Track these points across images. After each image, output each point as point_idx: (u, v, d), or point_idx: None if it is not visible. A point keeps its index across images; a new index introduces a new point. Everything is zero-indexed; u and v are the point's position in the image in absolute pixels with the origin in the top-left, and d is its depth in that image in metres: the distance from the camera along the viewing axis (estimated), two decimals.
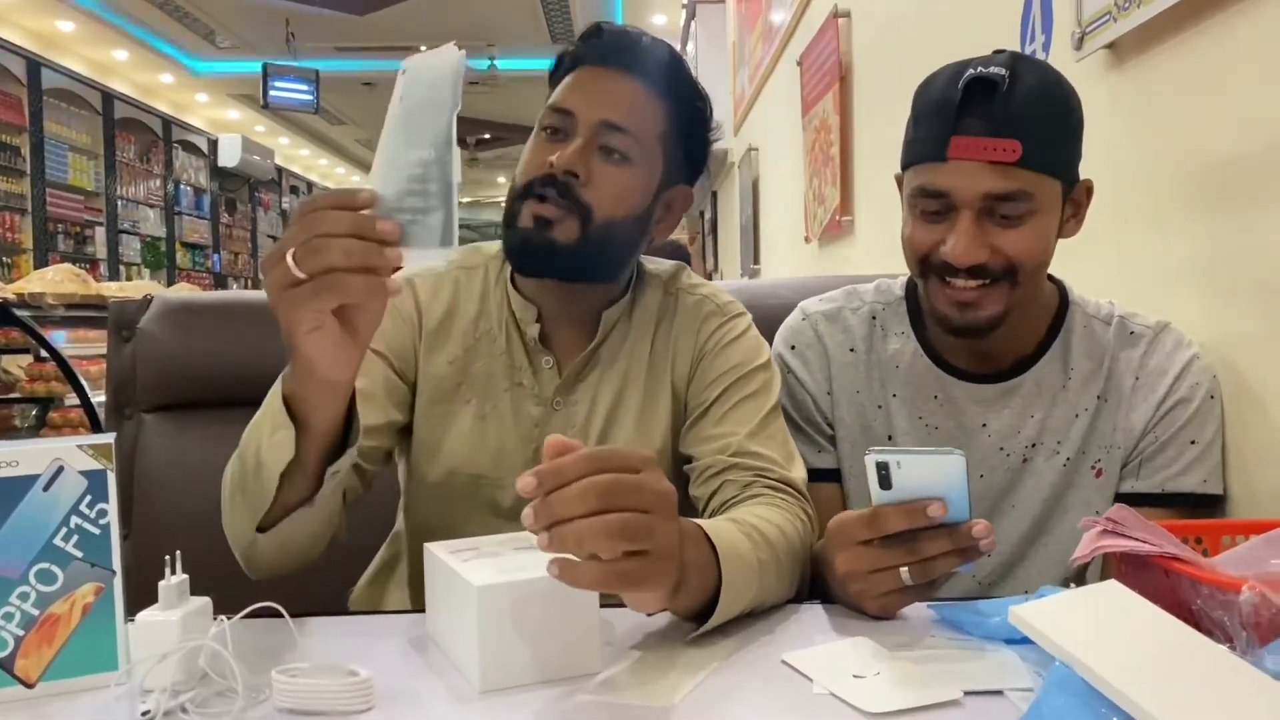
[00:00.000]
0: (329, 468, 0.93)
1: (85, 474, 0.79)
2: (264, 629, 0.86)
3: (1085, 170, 1.15)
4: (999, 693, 0.75)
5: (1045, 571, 1.20)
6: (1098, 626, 0.72)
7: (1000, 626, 0.83)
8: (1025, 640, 0.75)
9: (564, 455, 0.74)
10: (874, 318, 1.28)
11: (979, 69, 1.07)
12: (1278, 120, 1.13)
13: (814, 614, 0.97)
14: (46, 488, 0.78)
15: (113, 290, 5.04)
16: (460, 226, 0.80)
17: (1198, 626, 0.74)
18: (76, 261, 8.30)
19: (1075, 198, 1.15)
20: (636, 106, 1.12)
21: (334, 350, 0.82)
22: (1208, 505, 1.16)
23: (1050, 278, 1.23)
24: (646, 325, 1.20)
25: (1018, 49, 1.51)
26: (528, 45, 10.32)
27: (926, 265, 1.14)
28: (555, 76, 1.18)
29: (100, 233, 9.84)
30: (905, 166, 1.16)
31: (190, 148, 11.96)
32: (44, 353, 4.01)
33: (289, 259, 0.77)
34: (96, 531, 0.80)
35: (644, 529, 0.73)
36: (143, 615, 0.80)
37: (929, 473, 0.86)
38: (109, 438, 0.81)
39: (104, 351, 1.58)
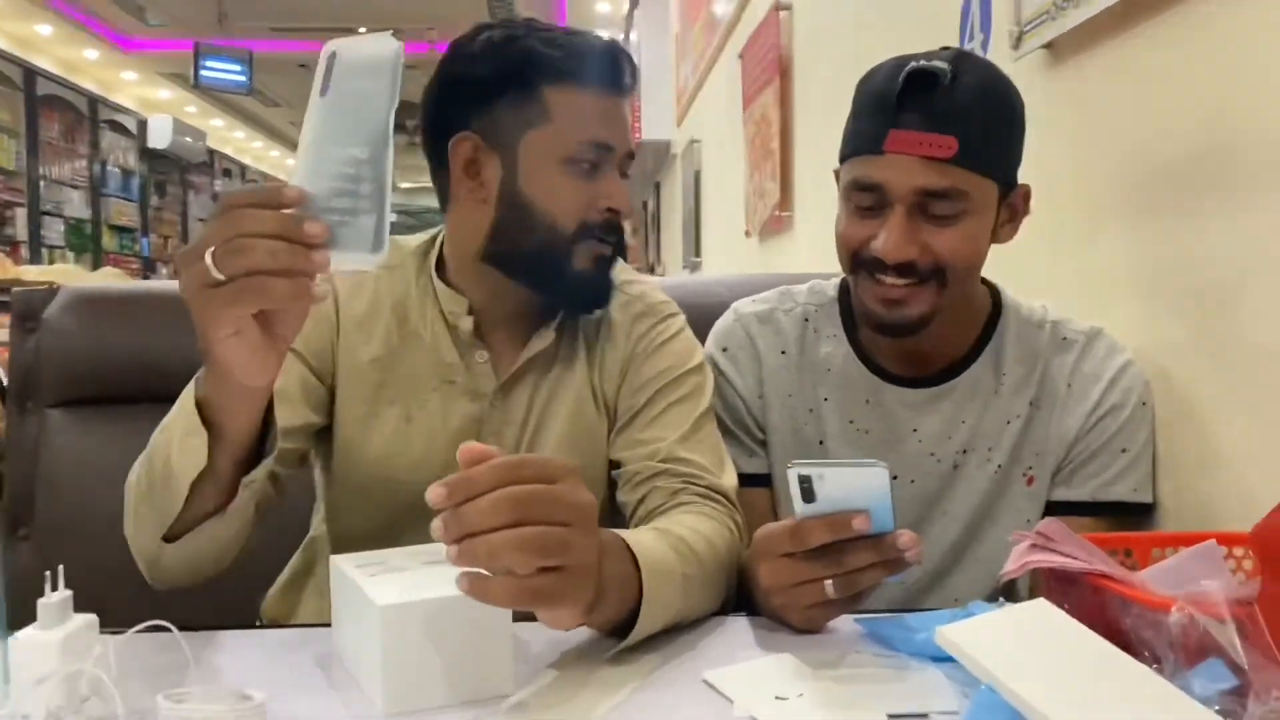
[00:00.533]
0: (244, 478, 0.88)
1: None
2: (158, 645, 0.80)
3: (1020, 171, 1.13)
4: (924, 716, 0.72)
5: (976, 580, 1.18)
6: (1025, 649, 0.70)
7: (927, 644, 0.80)
8: (952, 658, 0.73)
9: (480, 463, 0.70)
10: (806, 319, 1.25)
11: (922, 62, 1.05)
12: (1213, 125, 1.12)
13: (738, 627, 0.94)
14: None
15: (34, 274, 4.89)
16: (399, 213, 0.75)
17: (1127, 645, 0.73)
18: None
19: (1012, 202, 1.13)
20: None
21: (252, 355, 0.77)
22: (1138, 514, 1.15)
23: (984, 281, 1.21)
24: (578, 324, 1.17)
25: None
26: (469, 28, 10.19)
27: (858, 261, 1.12)
28: (539, 83, 1.06)
29: (21, 214, 9.51)
30: (843, 159, 1.13)
31: (118, 128, 11.59)
32: None
33: (208, 258, 0.71)
34: None
35: (560, 543, 0.70)
36: (21, 635, 0.74)
37: (852, 485, 0.84)
38: None
39: None
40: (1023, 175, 1.13)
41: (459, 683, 0.75)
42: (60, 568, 0.78)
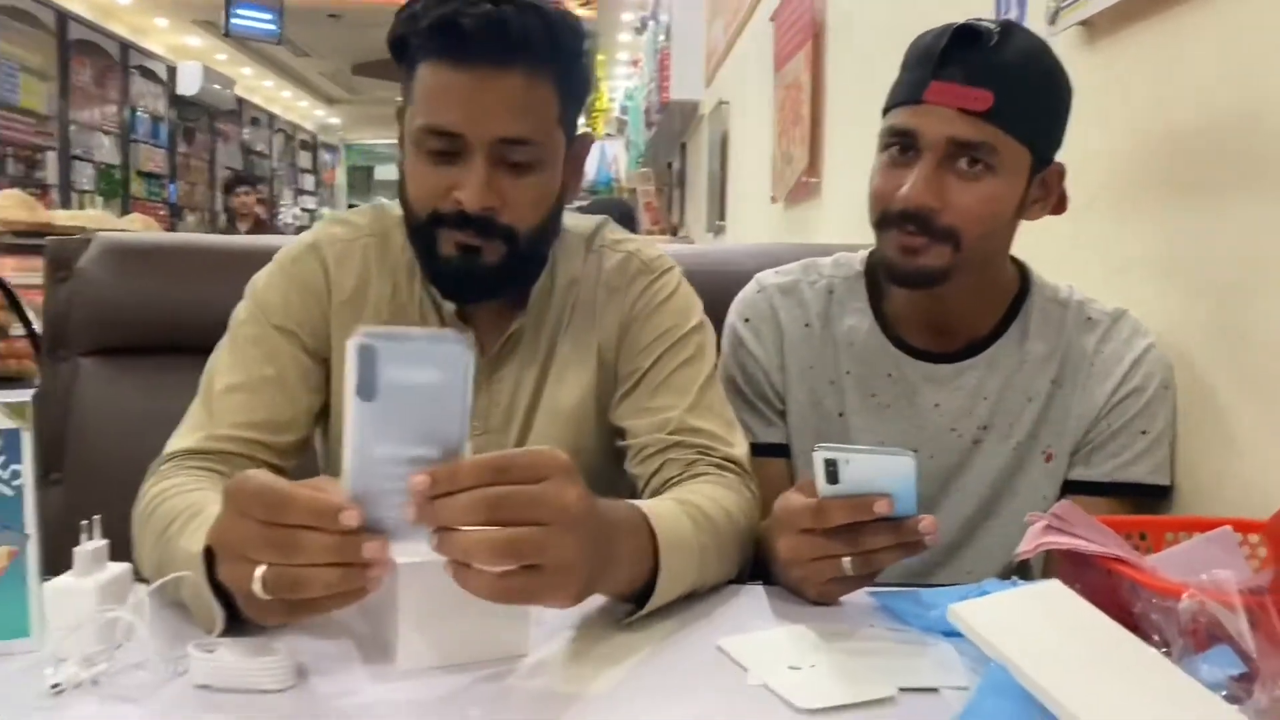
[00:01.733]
0: None
1: None
2: None
3: None
4: (934, 690, 0.74)
5: (990, 555, 1.19)
6: (1036, 629, 0.71)
7: (940, 620, 0.81)
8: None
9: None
10: (831, 292, 1.26)
11: (970, 20, 1.07)
12: (1247, 112, 1.11)
13: (754, 596, 0.96)
14: None
15: (63, 219, 4.89)
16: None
17: (1137, 628, 0.74)
18: (26, 187, 8.04)
19: (1046, 179, 1.13)
20: (530, 105, 1.00)
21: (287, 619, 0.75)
22: (1155, 496, 1.16)
23: (1013, 259, 1.21)
24: (568, 289, 1.15)
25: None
26: None
27: (885, 216, 1.12)
28: (403, 58, 1.03)
29: (52, 158, 9.55)
30: (885, 113, 1.14)
31: (148, 74, 11.59)
32: None
33: (257, 585, 0.68)
34: (10, 493, 0.76)
35: (534, 545, 0.69)
36: (56, 582, 0.77)
37: (877, 471, 0.84)
38: (26, 395, 0.77)
39: None
40: None
41: (475, 643, 0.77)
42: (97, 518, 0.80)
